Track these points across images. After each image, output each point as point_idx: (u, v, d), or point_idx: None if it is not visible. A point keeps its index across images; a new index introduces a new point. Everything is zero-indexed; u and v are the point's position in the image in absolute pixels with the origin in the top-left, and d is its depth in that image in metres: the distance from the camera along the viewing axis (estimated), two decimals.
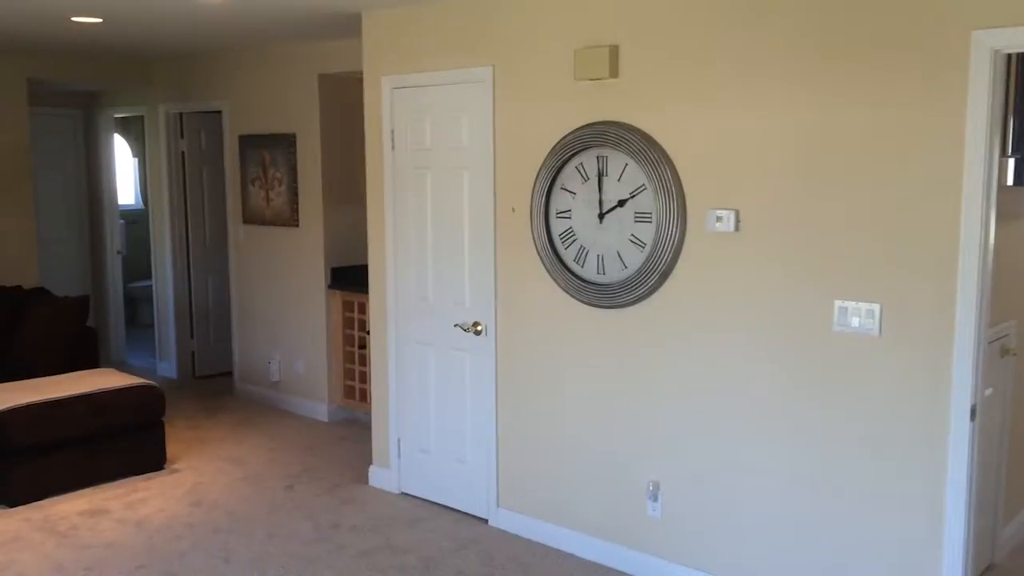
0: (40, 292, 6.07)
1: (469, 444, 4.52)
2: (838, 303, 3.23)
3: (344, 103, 6.06)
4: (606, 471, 3.98)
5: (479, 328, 4.39)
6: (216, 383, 7.25)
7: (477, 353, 4.43)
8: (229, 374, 7.23)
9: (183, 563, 4.01)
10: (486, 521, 4.45)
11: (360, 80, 5.41)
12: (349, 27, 5.13)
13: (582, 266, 3.97)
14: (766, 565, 3.51)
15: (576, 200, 3.96)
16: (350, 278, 6.09)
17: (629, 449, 3.89)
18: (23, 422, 4.63)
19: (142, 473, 5.10)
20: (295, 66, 6.10)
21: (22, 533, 4.33)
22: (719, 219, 3.49)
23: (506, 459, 4.36)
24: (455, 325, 4.49)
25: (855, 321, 3.19)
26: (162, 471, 5.17)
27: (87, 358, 5.75)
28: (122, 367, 7.39)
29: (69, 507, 4.64)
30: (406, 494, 4.83)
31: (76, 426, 4.81)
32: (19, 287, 6.09)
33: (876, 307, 3.14)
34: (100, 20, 4.97)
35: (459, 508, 4.59)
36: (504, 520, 4.37)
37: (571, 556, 4.08)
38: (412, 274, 4.69)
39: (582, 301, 3.97)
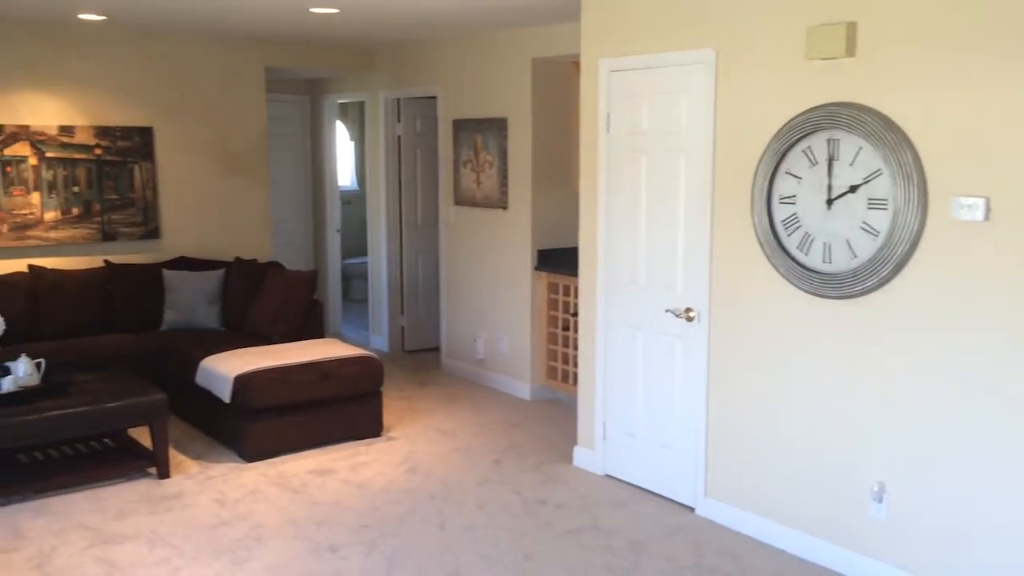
0: (274, 265, 6.56)
1: (677, 431, 4.48)
2: None
3: (556, 87, 6.13)
4: (824, 467, 3.82)
5: (691, 314, 4.33)
6: (423, 357, 7.58)
7: (688, 339, 4.37)
8: (436, 349, 7.54)
9: (403, 526, 4.24)
10: (692, 509, 4.40)
11: (572, 64, 5.47)
12: (565, 11, 5.18)
13: (806, 254, 3.82)
14: None
15: (802, 185, 3.81)
16: (556, 260, 6.17)
17: (851, 446, 3.72)
18: (261, 384, 5.05)
19: (362, 439, 5.43)
20: (509, 51, 6.23)
21: (260, 487, 4.72)
22: (966, 207, 3.25)
23: (715, 448, 4.28)
24: (666, 310, 4.45)
25: None
26: (379, 438, 5.48)
27: (314, 328, 6.17)
28: (339, 339, 7.87)
29: (299, 465, 5.02)
30: (610, 476, 4.86)
31: (305, 390, 5.18)
32: (255, 260, 6.62)
33: None
34: (337, 11, 5.28)
35: (664, 494, 4.57)
36: (711, 510, 4.31)
37: (783, 552, 3.96)
38: (623, 257, 4.69)
39: (804, 290, 3.82)
